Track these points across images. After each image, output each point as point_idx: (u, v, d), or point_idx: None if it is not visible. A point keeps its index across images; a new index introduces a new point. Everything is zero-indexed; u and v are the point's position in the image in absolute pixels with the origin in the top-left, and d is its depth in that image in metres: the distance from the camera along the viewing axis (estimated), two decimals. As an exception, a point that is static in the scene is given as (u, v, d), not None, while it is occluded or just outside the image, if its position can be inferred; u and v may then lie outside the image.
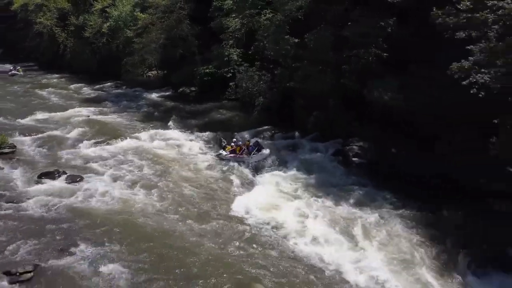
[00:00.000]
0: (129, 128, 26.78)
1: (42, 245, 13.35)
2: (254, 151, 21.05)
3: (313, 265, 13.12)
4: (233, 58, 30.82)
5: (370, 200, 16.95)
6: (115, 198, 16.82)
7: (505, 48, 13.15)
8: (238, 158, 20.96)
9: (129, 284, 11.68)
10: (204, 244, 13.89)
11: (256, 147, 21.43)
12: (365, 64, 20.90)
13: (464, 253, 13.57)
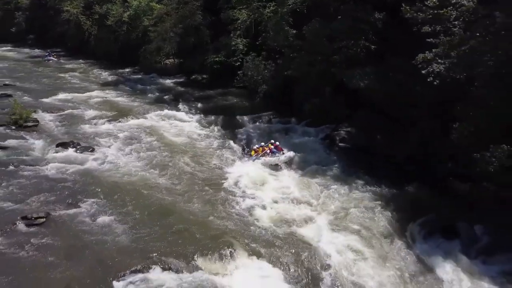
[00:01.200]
0: (141, 109, 29.21)
1: (53, 199, 15.84)
2: (276, 152, 20.64)
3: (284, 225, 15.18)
4: (239, 48, 32.81)
5: (345, 177, 18.81)
6: (119, 166, 19.29)
7: (459, 41, 14.70)
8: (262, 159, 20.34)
9: (122, 232, 13.98)
10: (193, 207, 16.09)
11: (278, 148, 20.91)
12: (353, 54, 22.66)
13: (419, 224, 15.29)
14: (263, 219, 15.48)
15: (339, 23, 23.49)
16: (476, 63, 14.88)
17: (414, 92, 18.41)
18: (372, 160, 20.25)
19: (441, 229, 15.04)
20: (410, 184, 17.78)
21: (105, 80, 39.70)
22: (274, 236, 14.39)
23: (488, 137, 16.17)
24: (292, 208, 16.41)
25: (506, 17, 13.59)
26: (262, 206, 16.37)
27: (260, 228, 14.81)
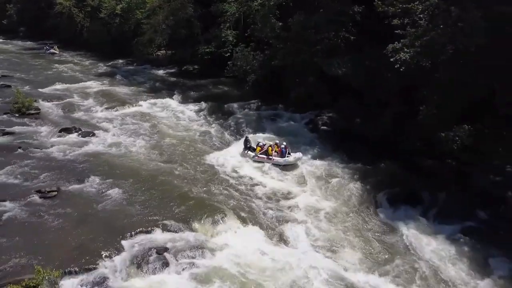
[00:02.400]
0: (135, 98, 30.86)
1: (62, 176, 17.59)
2: (285, 153, 20.12)
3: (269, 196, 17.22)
4: (228, 39, 34.52)
5: (325, 156, 20.91)
6: (119, 148, 21.14)
7: (423, 33, 16.68)
8: (271, 161, 20.08)
9: (126, 201, 15.82)
10: (187, 180, 18.00)
11: (287, 150, 20.43)
12: (334, 45, 24.60)
13: (387, 193, 17.43)
14: (251, 191, 17.48)
15: (321, 16, 25.33)
16: (438, 52, 16.88)
17: (386, 79, 20.44)
18: (350, 141, 22.28)
19: (406, 198, 17.16)
20: (383, 161, 19.83)
21: (99, 71, 41.10)
22: (259, 205, 16.42)
23: (450, 118, 18.36)
24: (277, 182, 18.43)
25: (460, 11, 15.55)
26: (250, 180, 18.36)
27: (247, 199, 16.83)
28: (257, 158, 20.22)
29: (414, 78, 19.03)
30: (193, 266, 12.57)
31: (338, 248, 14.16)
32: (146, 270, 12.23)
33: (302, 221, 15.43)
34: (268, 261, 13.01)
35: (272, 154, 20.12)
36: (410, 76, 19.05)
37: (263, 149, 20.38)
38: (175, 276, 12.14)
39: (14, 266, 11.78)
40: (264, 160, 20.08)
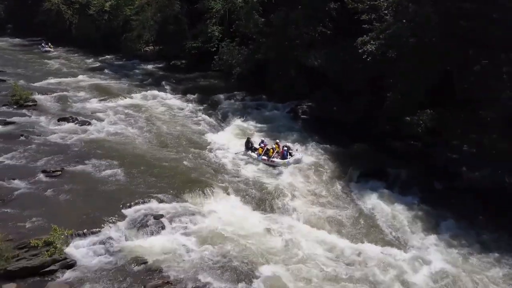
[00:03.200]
0: (127, 90, 32.57)
1: (64, 159, 19.30)
2: (287, 156, 20.41)
3: (253, 173, 19.33)
4: (214, 34, 36.38)
5: (303, 139, 23.10)
6: (114, 134, 22.96)
7: (386, 27, 18.86)
8: (271, 162, 20.36)
9: (124, 178, 17.65)
10: (180, 159, 19.95)
11: (288, 151, 20.73)
12: (312, 39, 26.71)
13: (357, 170, 19.66)
14: (236, 168, 19.56)
15: (301, 12, 27.40)
16: (401, 43, 19.08)
17: (357, 70, 22.59)
18: (327, 127, 24.53)
19: (374, 174, 19.39)
20: (355, 143, 22.08)
21: (90, 66, 42.55)
22: (244, 179, 18.53)
23: (414, 104, 20.57)
24: (259, 161, 20.49)
25: (417, 7, 17.75)
26: (235, 159, 20.39)
27: (232, 175, 18.89)
28: (260, 160, 20.50)
29: (381, 68, 21.23)
30: (186, 228, 14.55)
31: (313, 214, 16.29)
32: (145, 232, 14.14)
33: (281, 193, 17.50)
34: (250, 224, 15.11)
35: (273, 155, 20.37)
36: (378, 67, 21.27)
37: (265, 150, 20.71)
38: (170, 236, 14.07)
39: (31, 229, 13.54)
40: (265, 161, 20.36)
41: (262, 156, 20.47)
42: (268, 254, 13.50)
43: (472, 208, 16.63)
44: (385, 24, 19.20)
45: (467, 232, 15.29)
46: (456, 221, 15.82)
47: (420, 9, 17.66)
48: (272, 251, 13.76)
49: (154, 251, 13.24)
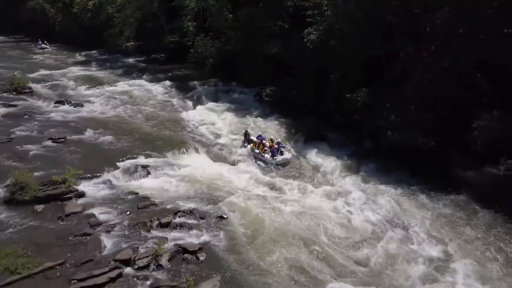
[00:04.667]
0: (112, 79, 36.75)
1: (65, 130, 23.52)
2: (277, 154, 21.30)
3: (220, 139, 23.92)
4: (190, 30, 40.77)
5: (264, 116, 27.88)
6: (105, 113, 27.35)
7: (323, 20, 23.72)
8: (261, 157, 21.50)
9: (117, 143, 21.98)
10: (161, 130, 24.54)
11: (279, 149, 21.58)
12: (272, 32, 31.46)
13: (303, 135, 24.54)
14: (207, 136, 24.23)
15: (263, 9, 32.08)
16: (336, 33, 23.97)
17: (307, 57, 27.38)
18: (286, 107, 29.22)
19: (317, 138, 24.23)
20: (307, 119, 26.78)
21: (76, 60, 46.44)
22: (213, 144, 23.17)
23: (352, 84, 25.41)
24: (227, 132, 25.19)
25: (343, 4, 22.66)
26: (207, 129, 25.09)
27: (204, 140, 23.48)
28: (252, 153, 21.94)
29: (324, 54, 26.08)
30: (166, 174, 19.06)
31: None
32: (135, 176, 18.60)
33: (246, 153, 22.21)
34: (216, 171, 19.75)
35: (263, 151, 21.61)
36: (322, 53, 26.13)
37: (258, 144, 21.96)
38: (155, 179, 18.57)
39: (47, 175, 17.72)
40: (257, 156, 21.71)
41: (255, 150, 21.84)
42: (230, 189, 18.11)
43: (390, 160, 21.53)
44: (324, 18, 24.06)
45: (382, 173, 20.11)
46: (376, 167, 20.72)
47: (346, 6, 22.58)
48: (233, 188, 18.36)
49: (143, 187, 17.74)
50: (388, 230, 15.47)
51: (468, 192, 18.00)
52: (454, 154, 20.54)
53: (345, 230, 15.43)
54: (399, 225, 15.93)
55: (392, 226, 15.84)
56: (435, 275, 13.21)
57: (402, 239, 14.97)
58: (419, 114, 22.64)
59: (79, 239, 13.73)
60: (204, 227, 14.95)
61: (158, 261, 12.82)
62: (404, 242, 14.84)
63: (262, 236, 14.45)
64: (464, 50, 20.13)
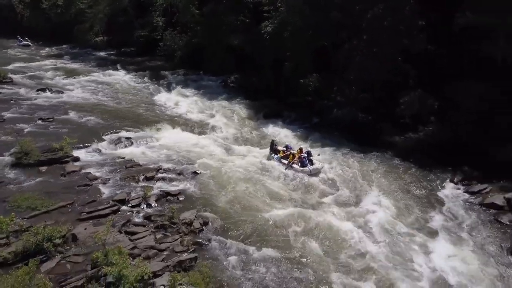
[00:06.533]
0: (86, 70, 39.53)
1: (52, 112, 26.44)
2: (307, 162, 20.32)
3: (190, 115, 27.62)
4: (159, 24, 43.97)
5: (228, 100, 31.71)
6: (84, 98, 30.36)
7: (277, 15, 27.82)
8: (291, 168, 20.43)
9: (100, 120, 25.19)
10: (138, 110, 27.84)
11: (308, 157, 20.67)
12: (235, 26, 35.32)
13: (263, 114, 28.68)
14: (180, 114, 27.83)
15: (226, 4, 35.87)
16: (288, 26, 28.12)
17: (266, 47, 31.46)
18: (248, 92, 33.16)
19: (274, 115, 28.41)
20: (266, 101, 30.84)
21: (48, 54, 48.55)
22: (185, 120, 26.85)
23: (305, 70, 29.64)
24: (196, 110, 29.05)
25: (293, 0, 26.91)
26: (179, 109, 28.74)
27: (177, 118, 27.12)
28: (280, 163, 20.89)
29: (280, 45, 30.22)
30: (147, 144, 22.63)
31: (232, 134, 25.19)
32: (120, 146, 22.03)
33: (213, 125, 26.11)
34: (190, 141, 23.48)
35: (293, 162, 20.55)
36: (278, 45, 30.27)
37: (286, 154, 21.14)
38: (138, 148, 22.09)
39: (45, 145, 20.79)
40: (285, 166, 20.57)
41: (282, 160, 20.95)
42: (202, 154, 21.86)
43: (334, 131, 25.88)
44: (278, 13, 28.18)
45: (327, 141, 24.40)
46: (322, 137, 25.04)
47: (295, 1, 26.80)
48: (204, 153, 22.12)
49: (128, 153, 21.23)
50: (325, 177, 19.90)
51: (393, 152, 22.64)
52: (386, 125, 25.12)
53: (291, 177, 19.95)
54: (335, 173, 20.32)
55: (329, 174, 20.23)
56: (358, 203, 17.63)
57: (333, 184, 19.35)
58: (359, 95, 27.14)
59: (81, 188, 17.12)
60: (182, 180, 18.67)
61: (147, 201, 16.46)
62: (333, 186, 19.21)
63: (226, 184, 18.42)
64: (389, 40, 24.78)
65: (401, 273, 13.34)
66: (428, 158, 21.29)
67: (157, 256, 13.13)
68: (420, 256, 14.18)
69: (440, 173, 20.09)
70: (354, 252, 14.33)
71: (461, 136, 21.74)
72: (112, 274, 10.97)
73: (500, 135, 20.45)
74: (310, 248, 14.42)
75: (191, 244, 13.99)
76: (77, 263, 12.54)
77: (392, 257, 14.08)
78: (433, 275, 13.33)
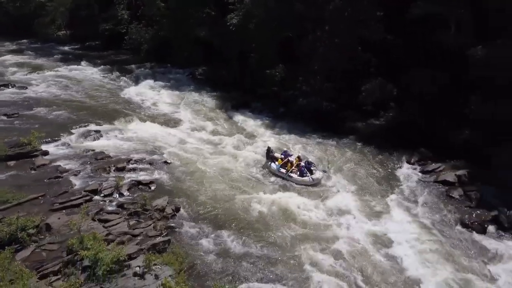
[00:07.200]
0: (50, 65, 38.74)
1: (17, 107, 26.09)
2: (305, 172, 19.11)
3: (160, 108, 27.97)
4: (124, 18, 43.57)
5: (196, 91, 32.21)
6: (49, 93, 30.04)
7: (242, 7, 28.42)
8: (289, 178, 19.19)
9: (68, 114, 25.14)
10: (105, 102, 27.86)
11: (308, 166, 19.55)
12: (201, 19, 35.64)
13: (231, 104, 29.31)
14: (148, 107, 28.09)
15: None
16: (253, 17, 28.79)
17: (233, 39, 32.00)
18: (215, 84, 33.63)
19: (242, 105, 29.11)
20: (234, 92, 31.44)
21: (8, 49, 47.04)
22: (152, 112, 27.16)
23: (268, 61, 30.37)
24: (164, 102, 29.39)
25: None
26: (147, 102, 28.97)
27: (146, 111, 27.37)
28: (278, 173, 19.63)
29: (246, 37, 30.83)
30: (117, 137, 22.85)
31: (199, 124, 25.81)
32: (89, 139, 22.19)
33: (182, 117, 26.58)
34: (159, 132, 23.85)
35: (291, 170, 19.41)
36: (244, 36, 30.87)
37: (284, 161, 19.87)
38: (107, 141, 22.29)
39: (11, 140, 20.66)
40: (283, 175, 19.41)
41: (281, 169, 19.66)
42: (171, 144, 22.34)
43: (300, 120, 26.82)
44: (243, 5, 28.78)
45: (293, 129, 25.40)
46: (288, 125, 26.03)
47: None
48: (174, 143, 22.60)
49: (98, 146, 21.43)
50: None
51: (355, 137, 23.92)
52: (349, 113, 26.26)
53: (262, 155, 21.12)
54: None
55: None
56: (323, 185, 18.72)
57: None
58: (324, 84, 28.16)
59: (53, 181, 17.30)
60: (153, 169, 19.15)
61: (120, 190, 16.87)
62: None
63: (196, 172, 19.08)
64: (349, 30, 25.91)
65: (360, 244, 14.48)
66: (388, 141, 22.66)
67: (131, 241, 13.64)
68: (377, 226, 15.42)
69: (399, 155, 21.46)
70: (320, 229, 15.37)
71: (417, 120, 23.18)
72: (88, 257, 11.44)
73: (452, 117, 22.00)
74: (277, 228, 15.32)
75: (164, 228, 14.59)
76: (52, 250, 12.88)
77: (352, 230, 15.26)
78: (389, 244, 14.56)
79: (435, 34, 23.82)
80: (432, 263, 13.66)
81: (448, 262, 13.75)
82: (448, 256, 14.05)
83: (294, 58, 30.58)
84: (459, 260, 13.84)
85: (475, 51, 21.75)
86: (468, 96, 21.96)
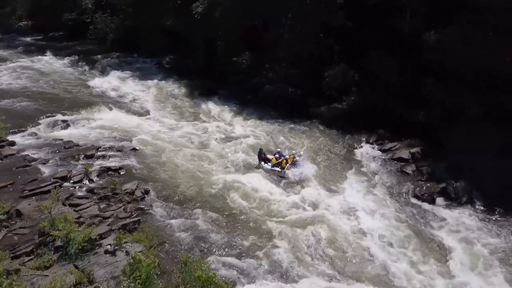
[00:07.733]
0: (12, 57, 38.00)
1: (-20, 100, 25.82)
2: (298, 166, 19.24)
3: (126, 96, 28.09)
4: (88, 7, 42.94)
5: (164, 79, 32.47)
6: (14, 84, 29.55)
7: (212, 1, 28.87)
8: (281, 174, 19.07)
9: (32, 105, 25.00)
10: (73, 93, 27.76)
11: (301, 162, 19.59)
12: (167, 7, 35.69)
13: (199, 92, 29.82)
14: (115, 97, 28.24)
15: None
16: (218, 6, 29.22)
17: (199, 28, 32.32)
18: (182, 72, 33.90)
19: (209, 92, 29.65)
20: (201, 80, 31.87)
21: (-33, 41, 45.56)
22: (120, 101, 27.35)
23: (234, 49, 30.90)
24: (132, 92, 29.54)
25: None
26: (114, 92, 29.06)
27: (113, 100, 27.53)
28: (271, 170, 19.41)
29: (211, 25, 31.23)
30: (85, 126, 23.05)
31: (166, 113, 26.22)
32: (57, 128, 22.31)
33: (151, 107, 26.94)
34: (127, 120, 24.16)
35: (286, 167, 19.21)
36: (209, 25, 31.27)
37: (279, 161, 19.61)
38: (75, 130, 22.46)
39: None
40: (276, 173, 19.29)
41: (274, 167, 19.49)
42: (139, 131, 22.71)
43: (266, 106, 27.57)
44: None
45: (259, 115, 26.20)
46: (254, 111, 26.76)
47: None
48: (141, 130, 22.98)
49: (65, 135, 21.59)
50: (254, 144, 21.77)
51: (319, 121, 24.97)
52: (313, 98, 27.25)
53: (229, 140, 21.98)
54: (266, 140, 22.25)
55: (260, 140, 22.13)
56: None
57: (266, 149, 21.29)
58: (289, 71, 29.04)
59: (21, 169, 17.45)
60: (122, 156, 19.55)
61: (89, 176, 17.25)
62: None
63: (164, 157, 19.68)
64: (311, 17, 26.81)
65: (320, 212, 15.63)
66: (349, 124, 23.86)
67: (102, 223, 14.15)
68: (336, 198, 16.67)
69: (359, 136, 22.70)
70: (285, 204, 16.41)
71: (377, 103, 24.42)
72: (60, 237, 11.93)
73: (410, 100, 23.35)
74: (243, 206, 16.20)
75: (134, 210, 15.17)
76: (24, 234, 13.24)
77: (313, 203, 16.39)
78: (350, 213, 15.78)
79: (392, 20, 25.08)
80: (386, 228, 14.94)
81: (400, 228, 15.02)
82: (401, 222, 15.32)
83: (260, 46, 31.26)
84: (410, 226, 15.14)
85: (428, 36, 23.18)
86: (423, 79, 23.41)
